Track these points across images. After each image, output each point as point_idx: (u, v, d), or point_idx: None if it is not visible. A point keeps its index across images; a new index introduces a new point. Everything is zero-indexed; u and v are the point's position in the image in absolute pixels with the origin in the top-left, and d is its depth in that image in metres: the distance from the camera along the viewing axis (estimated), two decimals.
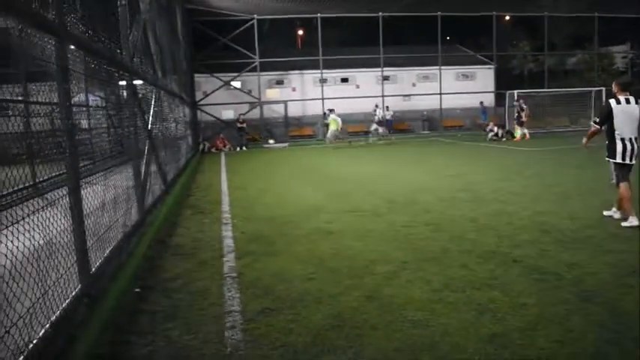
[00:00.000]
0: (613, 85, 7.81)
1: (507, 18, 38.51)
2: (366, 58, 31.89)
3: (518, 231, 7.20)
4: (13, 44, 4.00)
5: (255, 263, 6.16)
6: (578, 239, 6.66)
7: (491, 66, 35.44)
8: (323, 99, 30.19)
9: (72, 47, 4.65)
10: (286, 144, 28.62)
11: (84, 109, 8.42)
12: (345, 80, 33.85)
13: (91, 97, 8.80)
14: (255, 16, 29.21)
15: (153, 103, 10.17)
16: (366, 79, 33.40)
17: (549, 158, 16.43)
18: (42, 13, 3.85)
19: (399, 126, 33.24)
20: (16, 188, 5.32)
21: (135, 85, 8.00)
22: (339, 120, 25.14)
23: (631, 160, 7.47)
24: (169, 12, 17.22)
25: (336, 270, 5.79)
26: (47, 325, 3.55)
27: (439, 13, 30.65)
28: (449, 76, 33.71)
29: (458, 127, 33.46)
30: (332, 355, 3.77)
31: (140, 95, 8.66)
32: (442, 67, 32.08)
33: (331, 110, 26.01)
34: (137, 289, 5.40)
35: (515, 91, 28.17)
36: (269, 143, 28.86)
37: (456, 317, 4.40)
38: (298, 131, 32.11)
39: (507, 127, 26.29)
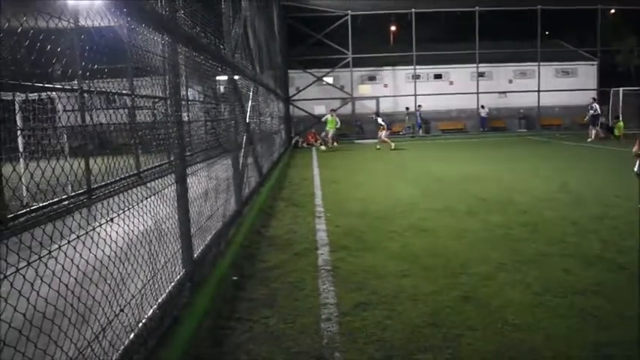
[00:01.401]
0: None
1: (612, 11, 36.31)
2: (461, 54, 31.11)
3: (624, 236, 6.80)
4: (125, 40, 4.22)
5: (349, 257, 6.19)
6: None
7: (594, 62, 33.56)
8: (415, 95, 29.85)
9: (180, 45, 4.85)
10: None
11: (190, 102, 8.79)
12: (438, 76, 33.23)
13: (194, 91, 9.16)
14: (349, 12, 29.28)
15: (251, 97, 10.45)
16: (460, 75, 32.62)
17: None
18: (157, 11, 4.05)
19: (494, 123, 32.29)
20: (129, 174, 5.64)
21: (236, 80, 8.25)
22: (337, 120, 23.97)
23: None
24: (267, 8, 17.60)
25: (431, 268, 5.71)
26: (155, 306, 3.75)
27: (539, 6, 29.40)
28: (548, 72, 32.25)
29: (556, 126, 32.03)
30: (428, 354, 3.73)
31: (240, 89, 8.92)
32: (541, 63, 30.79)
33: (333, 110, 25.10)
34: (235, 278, 5.57)
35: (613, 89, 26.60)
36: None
37: (558, 323, 4.23)
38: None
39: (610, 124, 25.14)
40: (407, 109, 31.21)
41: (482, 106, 30.91)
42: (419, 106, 29.86)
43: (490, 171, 14.30)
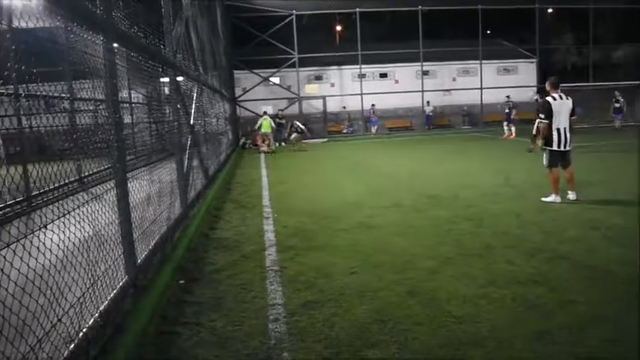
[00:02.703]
0: (546, 85, 9.20)
1: (550, 10, 37.57)
2: (406, 53, 31.55)
3: (565, 227, 7.04)
4: (60, 42, 4.06)
5: (297, 257, 6.18)
6: (628, 236, 6.47)
7: (533, 60, 34.64)
8: (362, 94, 30.10)
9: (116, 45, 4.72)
10: (325, 139, 28.61)
11: (127, 105, 8.56)
12: (384, 75, 33.61)
13: (134, 93, 8.93)
14: (293, 11, 29.27)
15: (195, 98, 10.30)
16: (405, 73, 33.08)
17: (590, 153, 15.99)
18: (91, 9, 3.93)
19: (439, 121, 32.88)
20: (66, 181, 5.45)
21: (178, 80, 8.11)
22: (271, 122, 23.23)
23: (565, 147, 8.77)
24: (210, 8, 17.40)
25: (379, 265, 5.76)
26: (96, 315, 3.63)
27: (480, 6, 30.09)
28: (490, 70, 33.12)
29: (499, 123, 32.85)
30: (376, 349, 3.75)
31: (183, 90, 8.78)
32: (483, 62, 31.54)
33: (265, 112, 24.68)
34: (181, 281, 5.47)
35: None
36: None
37: (502, 313, 4.33)
38: (336, 127, 32.08)
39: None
40: (344, 107, 31.59)
41: (428, 102, 31.40)
42: (372, 105, 30.07)
43: (436, 168, 14.55)
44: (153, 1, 7.53)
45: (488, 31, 36.16)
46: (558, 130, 8.72)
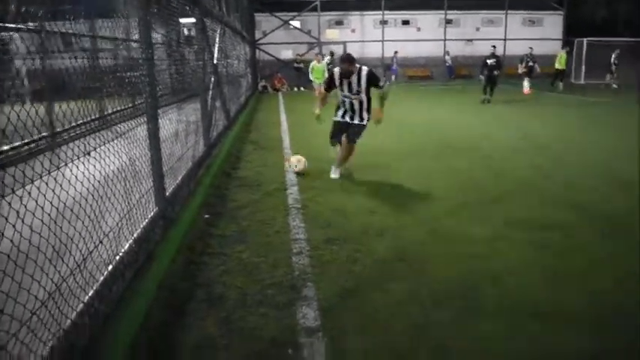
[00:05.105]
0: None
1: None
2: (429, 0, 30.88)
3: (583, 178, 7.12)
4: None
5: (318, 197, 6.34)
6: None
7: (561, 12, 33.72)
8: (383, 41, 29.68)
9: None
10: None
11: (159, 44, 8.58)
12: (406, 22, 32.96)
13: (162, 32, 8.94)
14: None
15: (218, 39, 10.30)
16: (428, 21, 32.39)
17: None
18: None
19: (460, 71, 32.41)
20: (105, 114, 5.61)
21: (204, 20, 8.12)
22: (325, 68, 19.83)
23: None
24: None
25: (398, 207, 5.91)
26: (131, 241, 3.84)
27: None
28: (514, 21, 32.34)
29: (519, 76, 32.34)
30: (395, 283, 3.93)
31: (207, 30, 8.79)
32: (508, 11, 30.80)
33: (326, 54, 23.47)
34: (207, 216, 5.68)
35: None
36: None
37: (516, 253, 4.50)
38: None
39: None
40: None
41: (448, 52, 30.91)
42: (395, 52, 29.64)
43: (456, 118, 14.53)
44: None
45: None
46: None
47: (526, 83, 22.54)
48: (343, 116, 7.38)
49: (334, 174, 7.34)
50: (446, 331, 3.22)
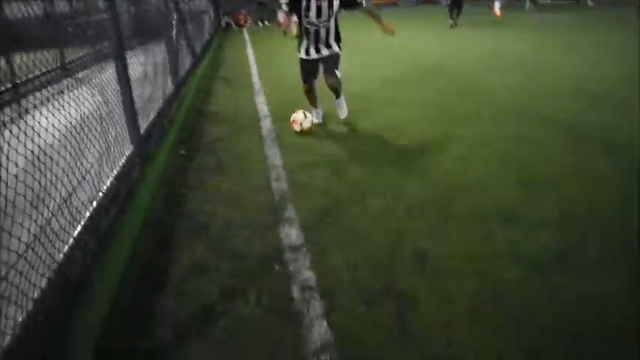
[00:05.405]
0: None
1: None
2: None
3: (551, 93, 7.30)
4: None
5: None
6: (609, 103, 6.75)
7: None
8: None
9: None
10: None
11: None
12: None
13: None
14: None
15: None
16: None
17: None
18: None
19: None
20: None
21: None
22: None
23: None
24: None
25: (370, 131, 6.03)
26: (111, 178, 3.90)
27: None
28: None
29: None
30: (373, 199, 4.09)
31: None
32: None
33: None
34: (183, 152, 5.73)
35: None
36: None
37: (485, 166, 4.68)
38: None
39: None
40: None
41: None
42: None
43: (425, 43, 14.51)
44: None
45: None
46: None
47: (497, 3, 22.36)
48: (308, 52, 6.10)
49: (316, 118, 6.49)
50: (423, 238, 3.41)
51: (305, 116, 6.09)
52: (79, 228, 3.12)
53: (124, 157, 4.31)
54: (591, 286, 2.77)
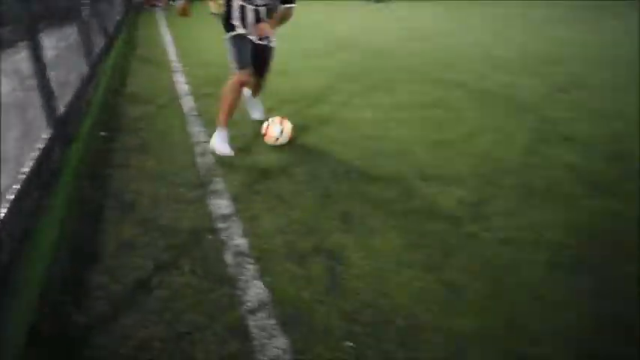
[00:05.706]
0: None
1: None
2: None
3: (462, 60, 7.64)
4: None
5: (215, 103, 6.38)
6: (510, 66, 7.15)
7: None
8: None
9: None
10: None
11: None
12: None
13: None
14: None
15: None
16: None
17: None
18: None
19: None
20: None
21: None
22: None
23: None
24: None
25: (294, 102, 6.14)
26: (32, 162, 3.82)
27: None
28: None
29: None
30: (299, 167, 4.22)
31: None
32: None
33: None
34: (103, 133, 5.62)
35: None
36: None
37: (404, 130, 4.90)
38: None
39: None
40: None
41: None
42: None
43: (343, 19, 14.68)
44: None
45: None
46: None
47: None
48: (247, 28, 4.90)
49: (256, 114, 5.70)
50: (348, 200, 3.58)
51: (281, 132, 4.80)
52: (4, 211, 3.07)
53: (43, 140, 4.21)
54: (502, 232, 3.03)
